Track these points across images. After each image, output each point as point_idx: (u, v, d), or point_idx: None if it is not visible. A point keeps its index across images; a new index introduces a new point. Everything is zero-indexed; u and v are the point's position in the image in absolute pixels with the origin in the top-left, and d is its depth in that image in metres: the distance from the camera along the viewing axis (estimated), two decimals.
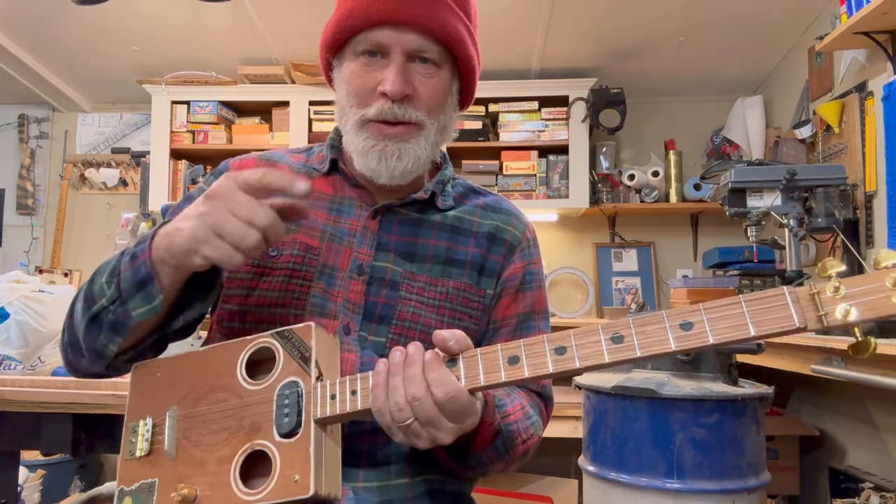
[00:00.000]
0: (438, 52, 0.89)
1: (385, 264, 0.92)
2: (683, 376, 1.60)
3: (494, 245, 0.98)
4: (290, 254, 0.92)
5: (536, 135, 3.43)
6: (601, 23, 2.99)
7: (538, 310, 1.00)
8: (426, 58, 0.89)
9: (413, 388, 0.66)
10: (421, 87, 0.89)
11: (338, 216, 0.95)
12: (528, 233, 1.02)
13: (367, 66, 0.89)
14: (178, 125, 3.53)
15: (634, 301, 3.44)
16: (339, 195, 0.97)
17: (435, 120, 0.91)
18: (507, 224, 1.01)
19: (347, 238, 0.93)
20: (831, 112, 2.62)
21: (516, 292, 0.98)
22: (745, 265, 2.98)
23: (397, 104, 0.87)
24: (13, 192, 3.91)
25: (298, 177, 0.74)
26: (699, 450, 1.52)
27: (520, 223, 1.02)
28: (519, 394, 0.95)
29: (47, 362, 1.56)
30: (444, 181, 1.00)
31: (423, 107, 0.89)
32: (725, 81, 3.52)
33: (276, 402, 0.71)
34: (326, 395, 0.70)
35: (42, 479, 2.57)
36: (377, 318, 0.90)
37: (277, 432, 0.69)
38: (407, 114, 0.88)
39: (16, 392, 1.34)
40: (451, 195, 1.00)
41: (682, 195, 3.51)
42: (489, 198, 1.04)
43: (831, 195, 2.20)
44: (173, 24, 3.08)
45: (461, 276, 0.94)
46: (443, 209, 0.98)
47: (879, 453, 2.29)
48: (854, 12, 2.15)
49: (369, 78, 0.88)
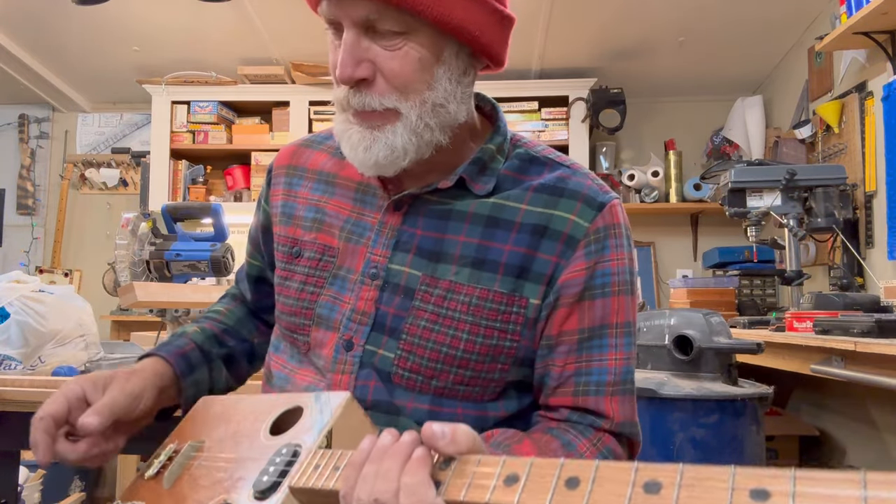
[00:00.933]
0: (399, 19, 0.69)
1: (401, 267, 0.77)
2: (683, 376, 1.60)
3: (546, 239, 0.75)
4: (307, 256, 0.84)
5: (536, 135, 3.43)
6: (601, 23, 2.99)
7: (614, 322, 0.76)
8: (386, 27, 0.70)
9: (381, 485, 0.53)
10: (383, 63, 0.71)
11: (361, 207, 0.82)
12: (601, 220, 0.76)
13: (335, 41, 0.74)
14: (178, 125, 3.53)
15: None
16: (365, 182, 0.83)
17: (414, 101, 0.72)
18: (569, 210, 0.76)
19: (368, 234, 0.80)
20: (831, 112, 2.62)
21: (578, 300, 0.75)
22: (744, 265, 2.99)
23: (353, 91, 0.71)
24: (13, 192, 3.91)
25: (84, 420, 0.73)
26: (699, 449, 1.52)
27: (589, 208, 0.77)
28: (579, 447, 0.72)
29: (47, 362, 1.56)
30: (486, 158, 0.79)
31: (391, 89, 0.71)
32: (725, 81, 3.52)
33: (268, 460, 0.67)
34: (312, 464, 0.62)
35: (42, 479, 2.57)
36: (388, 331, 0.76)
37: (253, 489, 0.64)
38: (366, 102, 0.71)
39: (16, 392, 1.34)
40: (495, 174, 0.79)
41: (682, 195, 3.51)
42: (554, 173, 0.80)
43: (831, 195, 2.20)
44: (173, 24, 3.08)
45: (492, 281, 0.75)
46: (480, 195, 0.78)
47: (879, 453, 2.29)
48: (854, 12, 2.15)
49: (334, 55, 0.73)
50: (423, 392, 0.75)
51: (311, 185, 0.87)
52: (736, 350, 1.61)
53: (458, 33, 0.72)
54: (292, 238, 0.86)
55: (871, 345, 1.28)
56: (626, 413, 0.76)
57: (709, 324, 1.63)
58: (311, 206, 0.86)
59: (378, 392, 0.76)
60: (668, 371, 1.63)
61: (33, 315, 1.51)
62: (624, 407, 0.76)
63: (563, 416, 0.76)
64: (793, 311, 1.84)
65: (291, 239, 0.86)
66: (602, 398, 0.75)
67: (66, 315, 1.61)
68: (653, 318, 1.71)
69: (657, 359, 1.65)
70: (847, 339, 1.37)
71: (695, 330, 1.61)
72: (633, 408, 0.78)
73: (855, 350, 1.32)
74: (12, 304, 1.49)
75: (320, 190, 0.86)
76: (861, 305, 1.72)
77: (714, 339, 1.60)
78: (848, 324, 1.43)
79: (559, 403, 0.76)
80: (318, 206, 0.85)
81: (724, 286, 2.84)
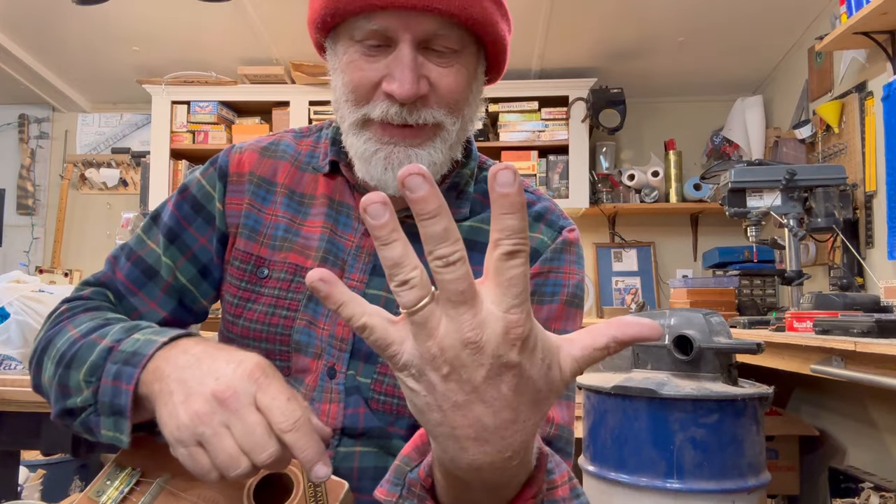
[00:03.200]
0: (459, 37, 0.70)
1: (379, 292, 0.77)
2: (683, 376, 1.60)
3: None
4: (277, 277, 0.78)
5: (536, 135, 3.43)
6: (601, 23, 2.99)
7: (556, 329, 0.77)
8: (444, 45, 0.70)
9: None
10: (438, 80, 0.71)
11: (335, 228, 0.80)
12: (560, 239, 0.81)
13: (368, 56, 0.71)
14: (178, 125, 3.53)
15: (634, 301, 3.44)
16: (338, 201, 0.81)
17: (456, 118, 0.74)
18: (533, 230, 0.80)
19: (342, 257, 0.78)
20: (831, 112, 2.62)
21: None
22: (744, 265, 2.98)
23: (408, 107, 0.70)
24: (13, 192, 3.91)
25: (319, 461, 0.54)
26: (699, 450, 1.52)
27: (551, 230, 0.81)
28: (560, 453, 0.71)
29: None
30: (462, 182, 0.82)
31: (442, 104, 0.72)
32: (725, 81, 3.52)
33: None
34: None
35: (42, 479, 2.57)
36: (364, 356, 0.75)
37: None
38: (421, 117, 0.71)
39: (16, 392, 1.34)
40: (469, 198, 0.81)
41: (682, 195, 3.51)
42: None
43: (831, 195, 2.20)
44: (173, 24, 3.08)
45: None
46: (457, 220, 0.77)
47: (879, 453, 2.29)
48: (854, 12, 2.15)
49: (371, 70, 0.71)
50: (400, 416, 0.75)
51: (281, 199, 0.82)
52: (736, 350, 1.61)
53: (496, 51, 0.76)
54: (256, 256, 0.80)
55: (871, 345, 1.28)
56: (564, 417, 0.75)
57: (709, 324, 1.63)
58: (282, 223, 0.81)
59: (368, 419, 0.75)
60: (668, 371, 1.63)
61: (33, 315, 1.51)
62: (563, 411, 0.75)
63: None
64: (793, 311, 1.84)
65: (255, 257, 0.80)
66: None
67: None
68: (653, 318, 1.71)
69: (657, 359, 1.65)
70: (847, 339, 1.37)
71: (695, 330, 1.61)
72: (570, 414, 0.76)
73: (855, 350, 1.32)
74: (12, 304, 1.49)
75: (292, 208, 0.82)
76: (861, 305, 1.72)
77: (714, 339, 1.60)
78: (848, 324, 1.43)
79: None
80: (290, 225, 0.81)
81: (724, 286, 2.84)
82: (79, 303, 0.79)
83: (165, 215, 0.83)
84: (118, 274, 0.82)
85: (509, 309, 0.38)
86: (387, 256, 0.38)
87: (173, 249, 0.82)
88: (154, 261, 0.81)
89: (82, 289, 0.82)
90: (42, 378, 0.73)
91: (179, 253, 0.82)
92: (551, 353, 0.41)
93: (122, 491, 0.66)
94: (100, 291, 0.82)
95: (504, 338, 0.38)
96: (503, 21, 0.74)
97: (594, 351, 0.42)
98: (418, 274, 0.39)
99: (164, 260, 0.81)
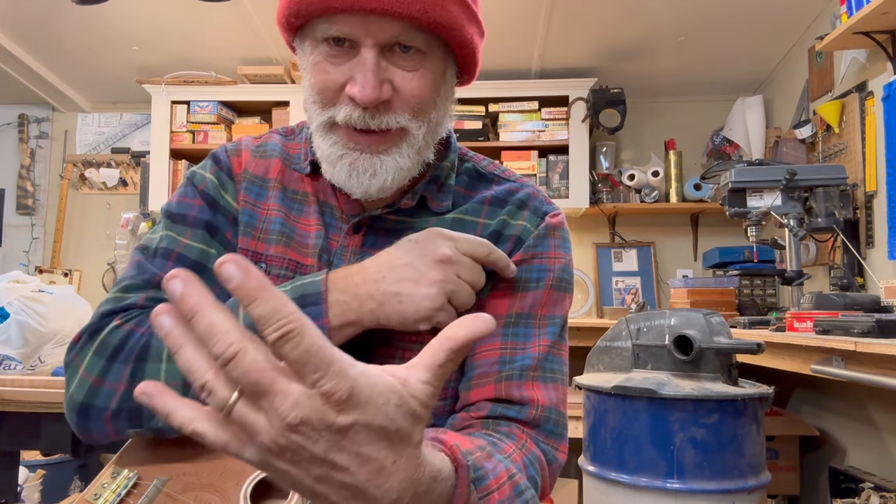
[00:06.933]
0: (424, 40, 0.70)
1: None
2: (683, 376, 1.60)
3: (499, 243, 0.78)
4: (276, 273, 0.78)
5: (536, 135, 3.43)
6: (601, 23, 2.99)
7: (542, 314, 0.78)
8: (408, 46, 0.70)
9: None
10: (402, 85, 0.70)
11: (325, 227, 0.81)
12: (544, 224, 0.81)
13: (333, 58, 0.71)
14: (178, 125, 3.53)
15: (634, 301, 3.44)
16: (322, 201, 0.82)
17: (422, 122, 0.73)
18: (516, 217, 0.81)
19: (328, 258, 0.79)
20: (831, 112, 2.62)
21: (512, 289, 0.78)
22: (745, 265, 2.98)
23: (370, 111, 0.70)
24: (13, 192, 3.91)
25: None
26: (699, 450, 1.52)
27: (535, 216, 0.82)
28: (506, 448, 0.67)
29: (47, 362, 1.56)
30: (443, 175, 0.82)
31: (406, 108, 0.71)
32: (725, 81, 3.52)
33: None
34: None
35: (42, 479, 2.57)
36: (358, 355, 0.76)
37: None
38: (384, 122, 0.71)
39: (16, 392, 1.34)
40: (451, 191, 0.82)
41: (682, 195, 3.51)
42: (502, 186, 0.84)
43: (831, 195, 2.20)
44: (173, 23, 3.08)
45: None
46: (439, 213, 0.80)
47: (879, 453, 2.29)
48: (854, 12, 2.15)
49: (335, 73, 0.70)
50: None
51: (275, 195, 0.82)
52: (736, 350, 1.61)
53: (464, 54, 0.75)
54: (254, 252, 0.80)
55: (871, 345, 1.28)
56: (550, 398, 0.75)
57: (709, 324, 1.63)
58: (277, 217, 0.81)
59: None
60: (668, 371, 1.63)
61: (33, 315, 1.51)
62: (548, 392, 0.75)
63: (485, 412, 0.73)
64: (793, 311, 1.84)
65: (253, 253, 0.80)
66: (524, 383, 0.74)
67: (65, 315, 1.61)
68: (653, 318, 1.71)
69: (657, 359, 1.65)
70: (847, 339, 1.37)
71: (695, 330, 1.61)
72: (558, 395, 0.76)
73: (855, 350, 1.32)
74: (12, 304, 1.49)
75: (286, 204, 0.82)
76: (861, 305, 1.71)
77: (714, 339, 1.60)
78: (848, 324, 1.43)
79: (480, 396, 0.74)
80: (286, 220, 0.81)
81: (724, 286, 2.84)
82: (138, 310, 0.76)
83: (194, 210, 0.81)
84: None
85: (315, 383, 0.38)
86: (179, 364, 0.39)
87: (216, 243, 0.80)
88: (197, 255, 0.79)
89: (125, 297, 0.76)
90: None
91: (222, 247, 0.81)
92: (393, 390, 0.41)
93: (118, 494, 0.66)
94: (153, 297, 0.77)
95: (325, 407, 0.39)
96: (471, 24, 0.73)
97: (439, 368, 0.44)
98: (212, 376, 0.39)
99: (209, 251, 0.79)
